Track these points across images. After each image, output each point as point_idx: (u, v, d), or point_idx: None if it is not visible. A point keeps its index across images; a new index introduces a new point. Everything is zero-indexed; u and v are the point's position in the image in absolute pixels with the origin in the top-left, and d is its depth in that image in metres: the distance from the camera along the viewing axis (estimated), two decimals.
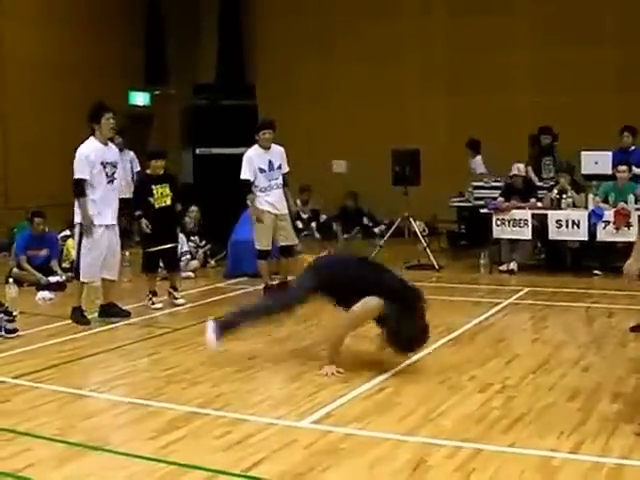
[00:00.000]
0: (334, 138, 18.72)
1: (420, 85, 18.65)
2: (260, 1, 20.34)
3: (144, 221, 10.76)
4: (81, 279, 9.76)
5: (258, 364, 7.81)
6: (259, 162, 11.30)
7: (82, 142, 9.77)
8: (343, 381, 7.10)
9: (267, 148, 11.38)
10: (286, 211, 11.48)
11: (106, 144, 9.84)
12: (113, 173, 9.78)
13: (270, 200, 11.29)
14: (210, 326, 7.73)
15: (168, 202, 10.91)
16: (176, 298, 11.04)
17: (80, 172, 9.60)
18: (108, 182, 9.73)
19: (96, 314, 10.02)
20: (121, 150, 16.14)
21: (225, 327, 7.74)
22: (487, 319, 9.71)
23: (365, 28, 18.88)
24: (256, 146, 11.40)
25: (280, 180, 11.42)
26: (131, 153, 16.50)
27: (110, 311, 10.01)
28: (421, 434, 5.74)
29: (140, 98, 20.01)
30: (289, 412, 6.29)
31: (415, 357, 7.85)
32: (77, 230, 9.75)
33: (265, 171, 11.31)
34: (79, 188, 9.58)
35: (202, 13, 20.87)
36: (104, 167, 9.68)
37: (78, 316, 9.72)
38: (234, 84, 19.00)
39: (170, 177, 11.21)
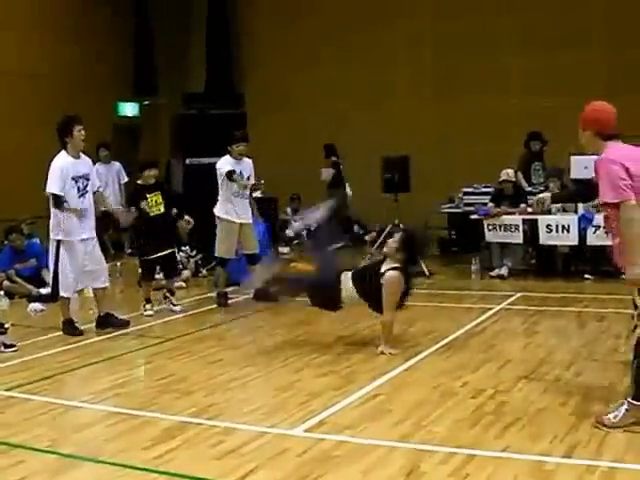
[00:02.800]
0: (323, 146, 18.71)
1: (409, 92, 18.66)
2: (249, 10, 20.36)
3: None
4: (61, 293, 9.72)
5: (250, 373, 7.81)
6: None
7: (54, 157, 9.68)
8: (335, 389, 7.11)
9: (238, 159, 11.57)
10: (250, 220, 11.74)
11: (78, 157, 9.72)
12: (85, 186, 9.69)
13: (236, 209, 11.53)
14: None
15: (162, 209, 11.04)
16: (174, 304, 11.18)
17: (54, 187, 9.51)
18: (80, 196, 9.63)
19: (92, 324, 10.03)
20: (107, 162, 16.22)
21: None
22: (479, 325, 9.73)
23: (353, 35, 18.89)
24: (227, 157, 11.59)
25: (247, 190, 11.67)
26: (117, 164, 16.46)
27: (108, 321, 10.01)
28: (414, 440, 5.75)
29: (129, 109, 20.01)
30: (282, 421, 6.28)
31: (407, 364, 7.88)
32: (52, 246, 9.68)
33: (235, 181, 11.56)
34: (58, 202, 9.51)
35: (190, 23, 20.89)
36: (75, 182, 9.59)
37: (70, 329, 9.70)
38: (223, 93, 19.02)
39: (160, 185, 11.34)
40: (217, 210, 11.55)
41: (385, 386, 7.20)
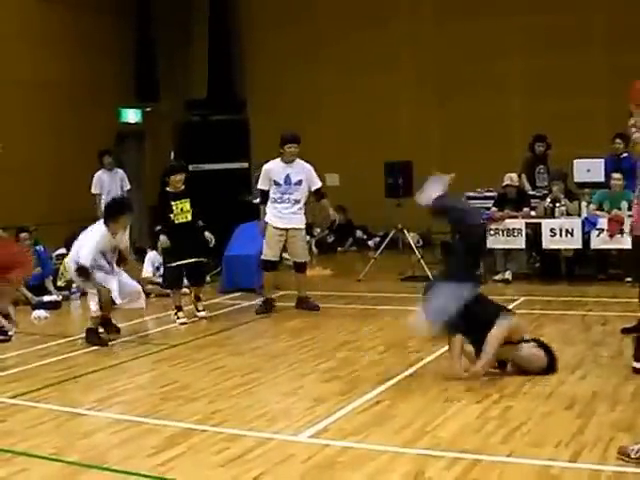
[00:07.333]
0: (326, 151, 18.71)
1: (411, 95, 18.68)
2: (249, 15, 20.38)
3: (162, 237, 10.76)
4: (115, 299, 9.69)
5: (255, 379, 7.80)
6: (275, 175, 11.23)
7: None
8: (340, 394, 7.10)
9: (289, 162, 11.28)
10: (297, 226, 11.30)
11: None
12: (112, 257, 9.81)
13: (279, 214, 11.21)
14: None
15: (189, 218, 10.88)
16: (198, 310, 11.12)
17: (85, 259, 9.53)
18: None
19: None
20: (110, 169, 16.20)
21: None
22: None
23: (354, 39, 18.92)
24: (278, 159, 11.34)
25: (295, 196, 11.25)
26: (120, 171, 16.41)
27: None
28: (419, 446, 5.73)
29: (131, 115, 20.00)
30: (286, 427, 6.28)
31: (412, 369, 7.87)
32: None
33: (280, 185, 11.22)
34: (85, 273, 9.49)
35: (192, 29, 20.91)
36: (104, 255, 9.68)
37: (94, 338, 9.62)
38: (225, 99, 19.01)
39: (189, 192, 11.06)
40: (265, 215, 11.30)
41: (389, 391, 7.19)
